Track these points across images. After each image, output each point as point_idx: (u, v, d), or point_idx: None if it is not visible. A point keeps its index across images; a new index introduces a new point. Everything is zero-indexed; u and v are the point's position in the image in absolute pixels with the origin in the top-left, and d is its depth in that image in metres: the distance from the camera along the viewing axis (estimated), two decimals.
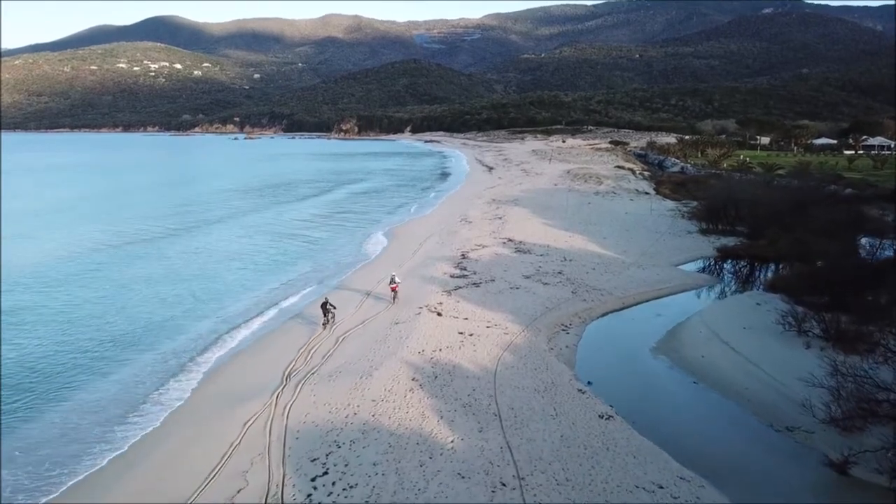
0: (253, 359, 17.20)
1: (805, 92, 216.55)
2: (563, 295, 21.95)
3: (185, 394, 15.12)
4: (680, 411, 14.09)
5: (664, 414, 13.86)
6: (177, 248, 32.73)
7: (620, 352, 17.91)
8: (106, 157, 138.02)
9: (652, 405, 14.27)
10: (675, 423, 13.40)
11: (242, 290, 24.33)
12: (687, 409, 14.22)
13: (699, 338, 18.35)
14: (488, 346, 16.73)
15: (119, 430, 13.24)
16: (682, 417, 13.76)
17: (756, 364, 15.95)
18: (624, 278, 24.51)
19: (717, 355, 16.94)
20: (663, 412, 13.94)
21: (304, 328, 19.26)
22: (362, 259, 29.92)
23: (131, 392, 15.14)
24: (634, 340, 18.78)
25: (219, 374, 16.36)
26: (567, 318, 19.90)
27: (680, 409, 14.18)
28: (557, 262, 26.70)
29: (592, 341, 18.56)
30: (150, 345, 18.34)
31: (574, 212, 40.40)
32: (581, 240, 31.56)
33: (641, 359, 17.39)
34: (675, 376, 16.14)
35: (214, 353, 17.86)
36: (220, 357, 17.57)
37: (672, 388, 15.37)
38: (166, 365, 16.85)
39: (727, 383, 15.34)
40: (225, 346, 18.44)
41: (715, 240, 32.34)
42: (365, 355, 16.27)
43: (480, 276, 24.18)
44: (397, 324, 18.83)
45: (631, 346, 18.36)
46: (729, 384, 15.28)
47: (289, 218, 44.25)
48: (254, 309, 21.90)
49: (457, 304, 20.48)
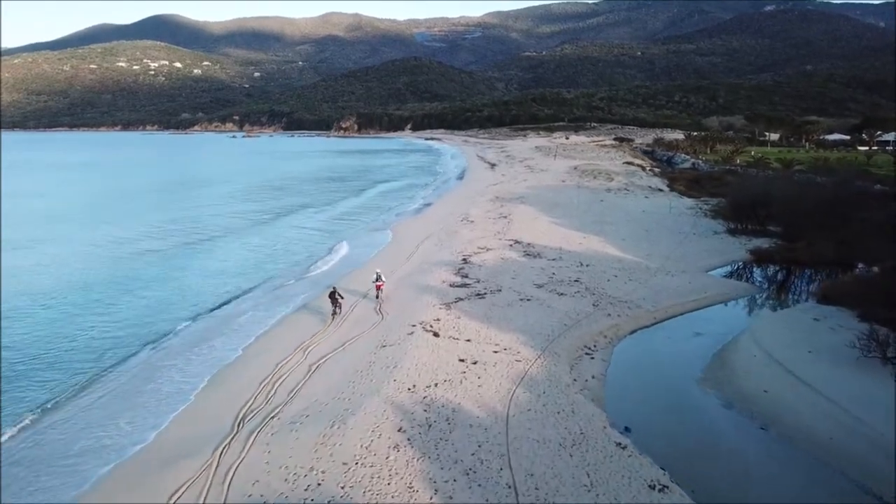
0: (204, 393, 13.83)
1: (810, 88, 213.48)
2: (583, 308, 18.54)
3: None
4: (752, 474, 10.66)
5: (732, 479, 10.45)
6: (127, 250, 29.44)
7: (660, 383, 14.50)
8: (115, 155, 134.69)
9: (713, 465, 10.86)
10: (750, 494, 10.00)
11: (186, 300, 20.95)
12: (761, 471, 10.79)
13: (755, 365, 14.93)
14: (497, 378, 13.33)
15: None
16: (758, 484, 10.34)
17: (836, 403, 12.53)
18: (651, 287, 21.09)
19: (783, 390, 13.52)
20: (730, 476, 10.52)
21: (265, 356, 15.83)
22: (350, 264, 26.48)
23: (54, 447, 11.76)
24: (675, 367, 15.37)
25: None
26: (590, 338, 16.48)
27: (752, 471, 10.75)
28: (573, 268, 23.28)
29: (624, 369, 15.15)
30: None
31: (585, 210, 36.96)
32: (597, 241, 28.13)
33: (688, 393, 13.97)
34: (735, 419, 12.72)
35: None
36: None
37: (735, 438, 11.94)
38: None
39: (805, 431, 11.93)
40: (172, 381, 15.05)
41: (746, 241, 28.93)
42: (340, 391, 12.88)
43: (485, 285, 20.78)
44: (384, 347, 15.44)
45: (672, 375, 14.95)
46: (807, 432, 11.87)
47: (291, 223, 40.87)
48: (200, 329, 18.49)
49: (457, 321, 17.08)
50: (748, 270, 25.26)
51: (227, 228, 35.95)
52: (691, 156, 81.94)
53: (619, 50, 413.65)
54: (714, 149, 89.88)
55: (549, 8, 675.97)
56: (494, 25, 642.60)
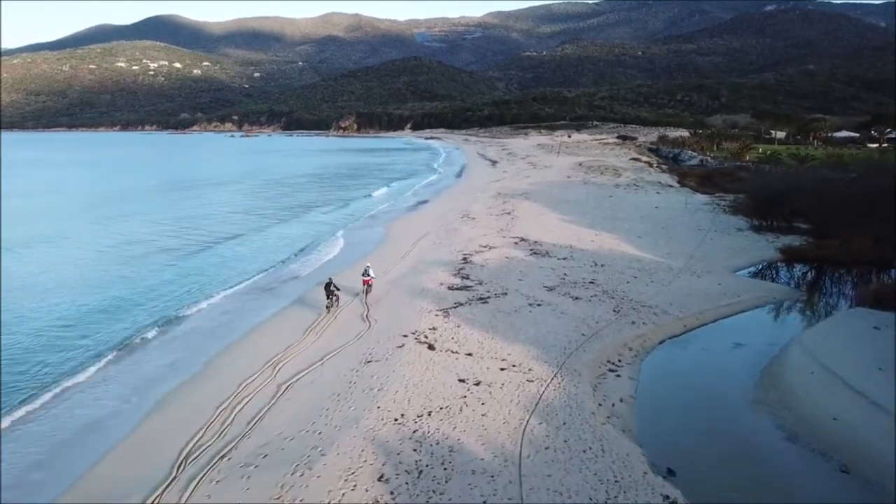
0: (147, 422, 11.32)
1: (813, 87, 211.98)
2: (602, 315, 16.02)
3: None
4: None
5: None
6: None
7: (702, 407, 11.98)
8: (102, 155, 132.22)
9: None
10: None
11: (150, 302, 18.45)
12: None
13: (815, 384, 12.40)
14: (505, 404, 10.81)
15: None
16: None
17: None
18: (677, 290, 18.57)
19: (857, 418, 10.98)
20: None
21: (228, 372, 13.32)
22: (336, 265, 23.93)
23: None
24: (717, 386, 12.85)
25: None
26: (614, 350, 13.95)
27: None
28: (587, 268, 20.77)
29: (656, 388, 12.64)
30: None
31: (595, 206, 34.45)
32: (610, 239, 25.60)
33: (738, 419, 11.45)
34: (805, 457, 10.18)
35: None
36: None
37: (813, 485, 9.41)
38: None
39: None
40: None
41: (773, 238, 26.41)
42: (311, 422, 10.37)
43: (488, 288, 18.27)
44: (369, 362, 12.92)
45: (715, 396, 12.43)
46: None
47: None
48: (162, 337, 16.01)
49: (456, 331, 14.57)
50: (779, 270, 22.74)
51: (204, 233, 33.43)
52: (699, 153, 79.86)
53: (619, 50, 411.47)
54: (720, 146, 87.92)
55: (549, 8, 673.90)
56: (495, 25, 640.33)
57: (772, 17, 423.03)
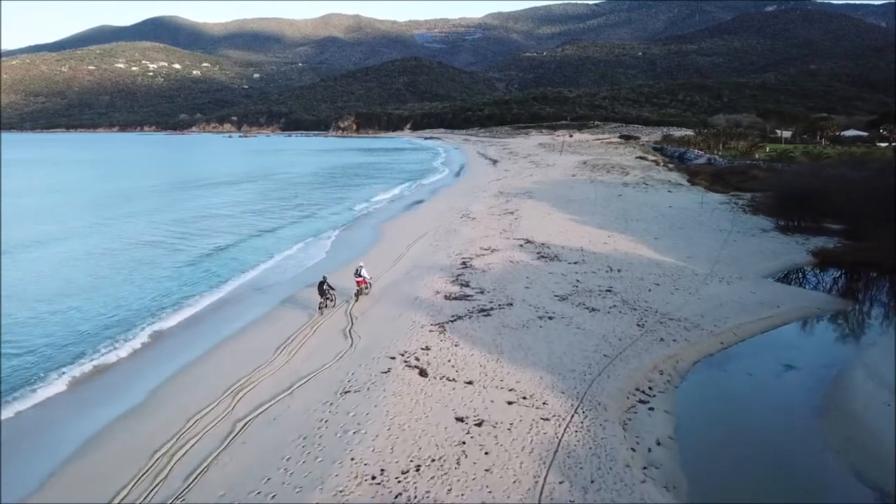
0: (65, 472, 8.99)
1: (815, 87, 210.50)
2: (624, 330, 13.70)
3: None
4: None
5: None
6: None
7: (760, 451, 9.60)
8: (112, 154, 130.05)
9: None
10: None
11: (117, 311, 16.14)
12: None
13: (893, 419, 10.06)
14: (515, 453, 8.47)
15: None
16: None
17: None
18: (706, 299, 16.25)
19: None
20: None
21: (176, 404, 10.98)
22: (320, 272, 21.58)
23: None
24: (774, 423, 10.48)
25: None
26: (643, 375, 11.62)
27: None
28: (602, 274, 18.44)
29: (699, 425, 10.30)
30: None
31: (604, 205, 32.13)
32: (625, 241, 23.28)
33: (808, 470, 9.11)
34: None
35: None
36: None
37: None
38: None
39: None
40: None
41: (803, 240, 24.09)
42: (265, 478, 8.03)
43: (491, 298, 15.94)
44: (347, 393, 10.58)
45: (774, 436, 10.05)
46: None
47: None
48: (113, 356, 13.70)
49: (454, 351, 12.25)
50: (813, 276, 20.41)
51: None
52: (706, 151, 77.87)
53: (619, 50, 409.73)
54: (726, 145, 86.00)
55: (549, 9, 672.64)
56: (495, 27, 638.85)
57: (772, 18, 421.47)
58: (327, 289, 15.66)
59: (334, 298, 15.83)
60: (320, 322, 14.89)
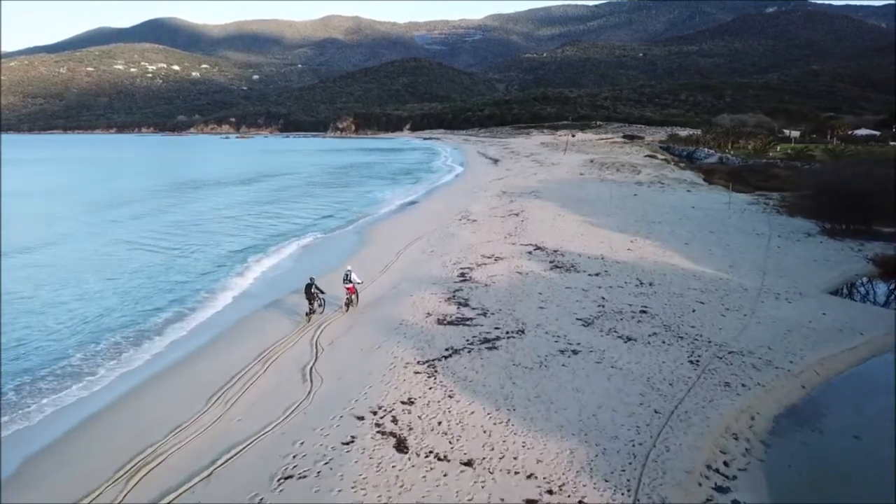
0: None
1: (819, 87, 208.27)
2: (674, 370, 10.29)
3: None
4: None
5: None
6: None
7: None
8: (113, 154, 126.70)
9: None
10: None
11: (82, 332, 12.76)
12: None
13: None
14: None
15: None
16: None
17: None
18: (768, 323, 12.85)
19: None
20: None
21: (51, 479, 7.58)
22: (286, 286, 18.16)
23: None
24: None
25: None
26: (712, 443, 8.21)
27: None
28: (631, 289, 15.04)
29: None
30: None
31: (619, 206, 28.74)
32: (651, 247, 19.88)
33: None
34: None
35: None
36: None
37: None
38: None
39: None
40: None
41: (857, 246, 20.71)
42: None
43: (497, 321, 12.54)
44: (289, 479, 7.17)
45: None
46: None
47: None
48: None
49: (447, 407, 8.83)
50: (881, 288, 17.04)
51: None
52: (716, 150, 74.93)
53: (620, 51, 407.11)
54: (735, 144, 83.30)
55: (549, 10, 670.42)
56: (495, 28, 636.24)
57: (773, 19, 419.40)
58: (315, 292, 13.74)
59: (324, 303, 13.98)
60: (278, 353, 11.49)
